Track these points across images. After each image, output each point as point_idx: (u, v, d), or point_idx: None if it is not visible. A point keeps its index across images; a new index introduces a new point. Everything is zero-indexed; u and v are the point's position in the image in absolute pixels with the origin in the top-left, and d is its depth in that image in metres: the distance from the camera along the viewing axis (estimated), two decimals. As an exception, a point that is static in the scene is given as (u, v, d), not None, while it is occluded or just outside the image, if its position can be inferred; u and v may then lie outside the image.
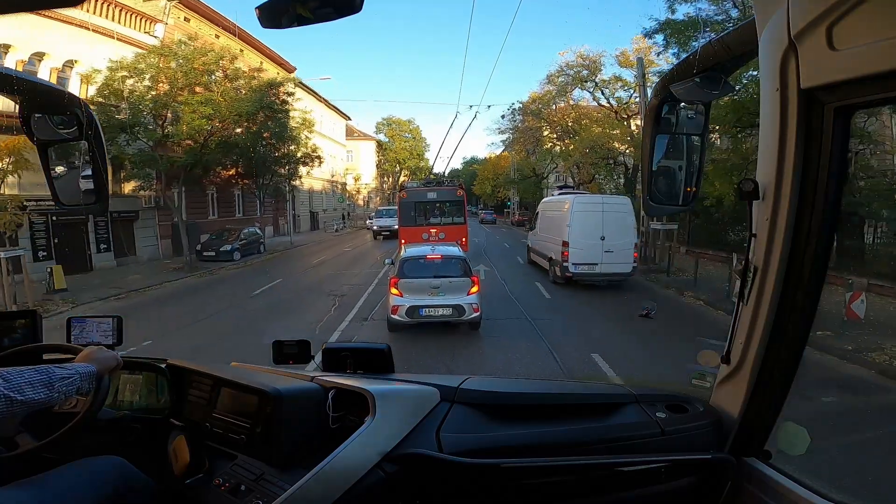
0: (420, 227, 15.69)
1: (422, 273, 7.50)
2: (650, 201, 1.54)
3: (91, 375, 1.31)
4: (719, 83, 1.36)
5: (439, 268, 7.58)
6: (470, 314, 7.40)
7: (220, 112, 15.74)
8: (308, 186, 34.54)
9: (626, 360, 6.81)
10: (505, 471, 1.35)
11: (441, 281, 7.37)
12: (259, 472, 1.38)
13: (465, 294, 7.41)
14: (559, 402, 1.64)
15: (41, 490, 1.21)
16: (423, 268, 7.58)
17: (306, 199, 35.53)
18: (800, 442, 1.38)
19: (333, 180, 40.95)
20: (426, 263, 7.65)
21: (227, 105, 16.04)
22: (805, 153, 1.08)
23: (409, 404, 1.42)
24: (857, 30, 0.88)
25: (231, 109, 16.02)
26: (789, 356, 1.26)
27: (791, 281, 1.18)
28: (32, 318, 1.81)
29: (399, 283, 7.42)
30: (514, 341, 7.59)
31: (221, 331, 8.72)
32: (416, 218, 16.10)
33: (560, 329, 8.43)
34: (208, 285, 14.29)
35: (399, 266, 7.74)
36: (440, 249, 8.20)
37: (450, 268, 7.62)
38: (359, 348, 1.86)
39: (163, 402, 1.74)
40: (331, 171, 39.86)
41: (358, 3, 0.93)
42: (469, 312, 7.38)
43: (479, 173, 48.66)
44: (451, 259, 7.77)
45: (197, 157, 16.29)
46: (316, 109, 35.07)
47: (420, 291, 7.38)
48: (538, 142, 31.31)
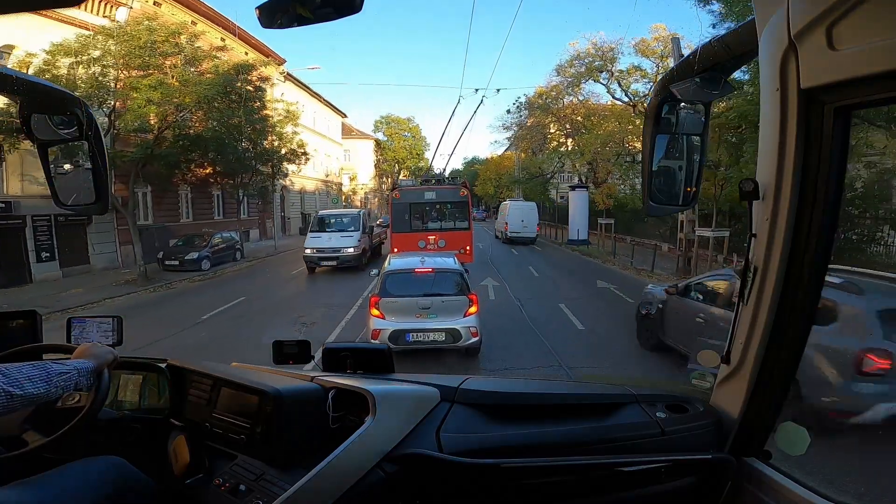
0: (416, 234, 13.49)
1: (408, 290, 6.27)
2: (650, 201, 1.54)
3: (88, 371, 1.32)
4: (719, 83, 1.36)
5: (430, 284, 6.33)
6: (467, 339, 6.17)
7: (173, 97, 13.35)
8: (300, 187, 33.11)
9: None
10: (505, 471, 1.35)
11: (432, 300, 6.17)
12: (259, 472, 1.38)
13: (462, 315, 6.16)
14: (559, 402, 1.64)
15: (41, 490, 1.21)
16: (410, 284, 6.34)
17: (297, 200, 33.66)
18: (800, 442, 1.38)
19: (328, 180, 39.50)
20: (414, 278, 6.39)
21: (183, 90, 13.61)
22: (805, 153, 1.08)
23: (409, 404, 1.42)
24: (857, 30, 0.89)
25: (187, 95, 13.59)
26: (789, 356, 1.26)
27: (791, 281, 1.18)
28: (32, 318, 1.81)
29: (380, 302, 6.16)
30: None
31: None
32: (412, 222, 13.80)
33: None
34: (156, 303, 11.83)
35: (381, 282, 6.44)
36: (432, 261, 6.89)
37: (443, 284, 6.38)
38: (359, 348, 1.87)
39: (163, 402, 1.74)
40: (325, 171, 38.70)
41: (358, 3, 0.93)
42: (466, 338, 6.16)
43: (481, 174, 47.76)
44: (444, 273, 6.51)
45: (149, 150, 14.00)
46: (308, 105, 33.72)
47: (406, 313, 6.19)
48: (545, 139, 29.92)
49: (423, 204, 14.03)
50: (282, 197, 29.40)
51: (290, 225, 31.69)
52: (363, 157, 49.10)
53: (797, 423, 1.36)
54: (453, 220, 14.15)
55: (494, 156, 47.43)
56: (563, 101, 25.43)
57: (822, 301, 1.21)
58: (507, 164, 42.98)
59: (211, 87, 14.16)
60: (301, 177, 31.22)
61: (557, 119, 26.88)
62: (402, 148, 54.51)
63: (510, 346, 7.30)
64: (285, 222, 30.86)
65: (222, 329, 9.00)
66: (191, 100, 13.80)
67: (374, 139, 52.29)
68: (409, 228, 13.67)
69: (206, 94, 13.88)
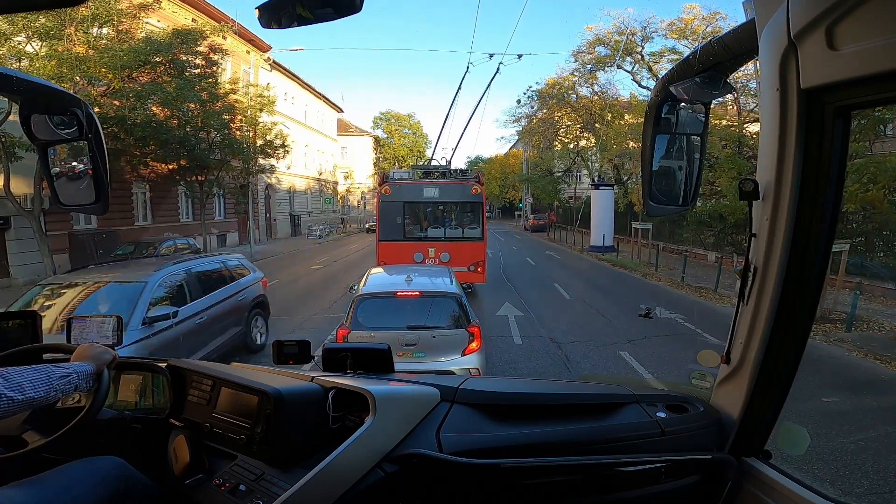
0: (411, 244, 10.08)
1: (387, 321, 4.69)
2: (651, 202, 1.54)
3: (88, 374, 1.35)
4: (719, 83, 1.37)
5: (417, 312, 4.74)
6: None
7: (79, 69, 10.44)
8: (288, 185, 30.26)
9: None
10: (505, 471, 1.35)
11: (419, 334, 4.58)
12: (259, 472, 1.38)
13: (460, 354, 4.58)
14: (559, 402, 1.64)
15: (40, 490, 1.22)
16: (390, 312, 4.78)
17: (285, 199, 30.56)
18: (800, 442, 1.38)
19: (321, 178, 36.85)
20: (396, 305, 4.79)
21: (96, 59, 10.66)
22: (805, 153, 1.08)
23: (409, 404, 1.43)
24: (857, 30, 0.89)
25: (99, 64, 10.64)
26: (789, 356, 1.26)
27: (791, 281, 1.18)
28: (32, 318, 1.81)
29: (349, 338, 4.49)
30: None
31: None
32: (406, 228, 10.36)
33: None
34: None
35: (351, 309, 4.74)
36: (420, 281, 5.22)
37: (434, 312, 4.78)
38: (359, 348, 1.87)
39: (163, 402, 1.74)
40: (318, 169, 36.40)
41: (358, 3, 0.93)
42: None
43: (486, 172, 46.44)
44: (435, 298, 4.90)
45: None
46: (300, 96, 32.09)
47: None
48: (556, 133, 27.31)
49: (421, 204, 10.59)
50: (267, 196, 27.30)
51: (276, 227, 28.88)
52: (361, 155, 47.98)
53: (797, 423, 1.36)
54: (462, 227, 10.57)
55: (499, 154, 46.40)
56: (580, 90, 22.63)
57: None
58: (514, 163, 41.56)
59: (128, 54, 11.12)
60: (290, 174, 29.11)
61: (574, 110, 23.94)
62: (402, 145, 53.92)
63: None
64: (271, 224, 28.33)
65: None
66: (106, 71, 10.79)
67: (373, 136, 51.27)
68: (402, 236, 10.16)
69: (125, 63, 10.89)
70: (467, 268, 9.12)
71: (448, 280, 5.49)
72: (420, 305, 4.80)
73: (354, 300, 4.86)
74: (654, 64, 19.36)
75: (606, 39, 19.87)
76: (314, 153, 35.96)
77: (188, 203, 20.12)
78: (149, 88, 12.23)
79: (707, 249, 16.32)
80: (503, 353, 6.75)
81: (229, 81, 18.36)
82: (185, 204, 20.37)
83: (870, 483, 3.53)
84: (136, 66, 11.66)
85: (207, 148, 15.93)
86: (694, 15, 17.99)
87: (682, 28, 18.23)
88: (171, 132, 13.82)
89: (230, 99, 16.72)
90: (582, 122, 25.17)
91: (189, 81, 13.53)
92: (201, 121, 14.69)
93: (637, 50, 19.58)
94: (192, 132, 14.89)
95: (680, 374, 6.32)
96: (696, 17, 17.95)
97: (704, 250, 16.41)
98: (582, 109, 23.98)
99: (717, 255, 15.02)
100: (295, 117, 30.51)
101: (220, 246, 22.04)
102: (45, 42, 10.62)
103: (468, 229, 10.57)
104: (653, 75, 19.48)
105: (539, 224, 35.04)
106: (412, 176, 11.40)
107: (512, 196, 44.15)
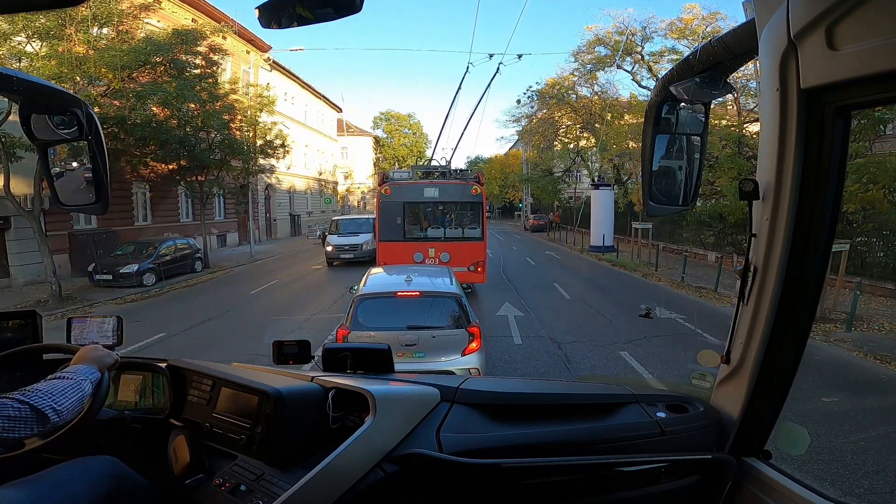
0: (411, 244, 10.33)
1: (388, 321, 4.80)
2: (651, 202, 1.54)
3: (97, 381, 1.37)
4: (719, 83, 1.36)
5: (417, 312, 4.85)
6: None
7: (79, 69, 10.55)
8: (288, 185, 30.33)
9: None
10: (505, 471, 1.35)
11: (419, 334, 4.69)
12: (259, 472, 1.38)
13: (460, 354, 4.68)
14: (559, 402, 1.64)
15: (34, 489, 1.22)
16: (390, 312, 4.90)
17: (286, 199, 30.62)
18: (800, 442, 1.38)
19: (321, 178, 36.96)
20: (396, 305, 4.91)
21: (90, 58, 10.66)
22: (805, 153, 1.08)
23: (409, 404, 1.43)
24: (857, 30, 0.89)
25: (99, 65, 10.69)
26: (789, 356, 1.26)
27: (791, 281, 1.18)
28: (33, 318, 1.81)
29: (349, 338, 4.61)
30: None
31: None
32: (406, 228, 10.56)
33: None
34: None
35: (351, 309, 4.86)
36: (420, 281, 5.31)
37: (434, 312, 4.89)
38: (359, 348, 1.87)
39: (163, 402, 1.75)
40: (318, 169, 36.54)
41: (358, 3, 0.93)
42: None
43: (486, 173, 45.93)
44: (435, 298, 5.00)
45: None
46: (299, 96, 32.24)
47: None
48: (556, 133, 27.16)
49: (421, 204, 10.84)
50: (267, 196, 27.39)
51: (276, 227, 28.87)
52: (361, 155, 48.01)
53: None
54: (462, 228, 10.82)
55: (499, 155, 46.23)
56: (580, 90, 22.62)
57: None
58: (513, 163, 41.41)
59: (131, 54, 11.21)
60: (290, 174, 29.14)
61: (574, 110, 23.94)
62: (402, 145, 53.90)
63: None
64: (271, 224, 28.34)
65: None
66: (106, 71, 10.85)
67: (373, 136, 51.22)
68: (402, 236, 10.43)
69: (125, 64, 10.94)
70: (467, 268, 9.29)
71: (448, 280, 5.54)
72: (420, 305, 4.89)
73: (354, 300, 4.96)
74: (654, 64, 19.50)
75: (606, 39, 19.99)
76: (314, 153, 36.09)
77: (188, 203, 20.18)
78: (149, 88, 12.34)
79: (707, 249, 16.45)
80: (503, 353, 6.86)
81: (229, 81, 18.38)
82: (185, 204, 20.42)
83: (870, 483, 3.54)
84: (136, 67, 11.78)
85: (207, 148, 16.01)
86: (694, 15, 18.14)
87: (681, 28, 18.40)
88: (171, 132, 13.89)
89: (230, 99, 16.81)
90: (582, 122, 25.16)
91: (189, 81, 13.60)
92: (201, 121, 14.75)
93: (637, 50, 19.71)
94: (192, 132, 14.94)
95: (680, 374, 6.31)
96: (695, 17, 18.09)
97: (704, 250, 16.54)
98: (582, 109, 23.99)
99: (717, 255, 15.09)
100: (295, 117, 30.56)
101: (220, 246, 22.06)
102: (45, 42, 10.72)
103: (468, 229, 10.81)
104: (653, 75, 19.52)
105: (539, 224, 34.98)
106: (412, 176, 11.59)
107: (512, 196, 44.02)
